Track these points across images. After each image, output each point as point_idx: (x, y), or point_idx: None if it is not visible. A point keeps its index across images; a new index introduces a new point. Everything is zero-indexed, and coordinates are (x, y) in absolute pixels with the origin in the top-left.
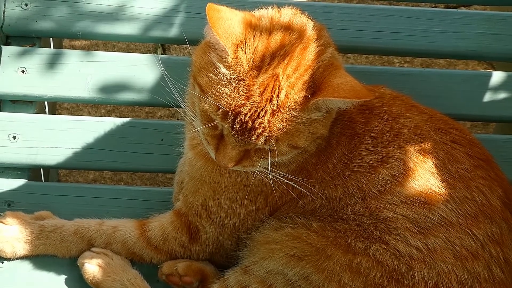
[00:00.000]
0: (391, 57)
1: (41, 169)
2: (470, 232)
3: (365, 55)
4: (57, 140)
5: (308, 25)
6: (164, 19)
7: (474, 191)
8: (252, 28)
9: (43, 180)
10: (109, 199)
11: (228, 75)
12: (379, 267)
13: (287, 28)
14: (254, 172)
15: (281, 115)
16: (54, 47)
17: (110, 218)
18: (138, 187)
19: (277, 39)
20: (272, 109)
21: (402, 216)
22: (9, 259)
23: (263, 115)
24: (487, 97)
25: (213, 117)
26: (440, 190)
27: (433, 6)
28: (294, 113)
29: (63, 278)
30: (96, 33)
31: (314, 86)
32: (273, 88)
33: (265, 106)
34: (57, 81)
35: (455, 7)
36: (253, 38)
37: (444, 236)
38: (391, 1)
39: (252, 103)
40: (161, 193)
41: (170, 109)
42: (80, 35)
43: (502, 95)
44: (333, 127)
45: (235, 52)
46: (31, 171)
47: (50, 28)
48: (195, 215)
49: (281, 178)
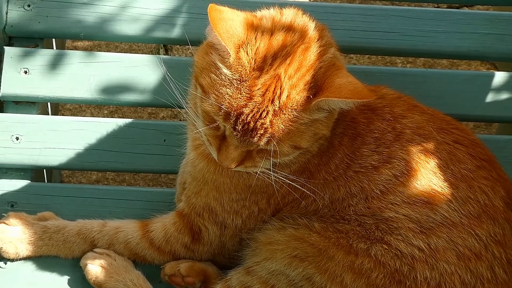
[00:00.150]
0: (394, 58)
1: (44, 170)
2: (473, 233)
3: (368, 56)
4: (60, 141)
5: (310, 26)
6: (167, 20)
7: (477, 191)
8: (254, 29)
9: (46, 181)
10: (112, 200)
11: (230, 76)
12: (381, 268)
13: (289, 29)
14: (256, 173)
15: (283, 116)
16: (57, 48)
17: (113, 219)
18: (141, 188)
19: (279, 40)
20: (274, 110)
21: (404, 216)
22: (12, 260)
23: (265, 116)
24: (490, 98)
25: (215, 118)
26: (443, 190)
27: (436, 6)
28: (296, 114)
29: (66, 279)
30: (99, 34)
31: (316, 87)
32: (275, 89)
33: (267, 107)
34: (60, 82)
35: (458, 7)
36: (255, 39)
37: (447, 236)
38: (394, 2)
39: (254, 104)
40: (164, 194)
41: (173, 110)
42: (83, 36)
43: (505, 96)
44: (335, 128)
45: (237, 53)
46: (34, 172)
47: (53, 29)
48: (198, 216)
49: (284, 179)
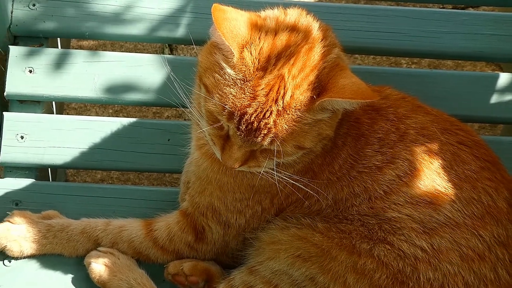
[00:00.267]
0: (399, 58)
1: (49, 169)
2: (477, 233)
3: (373, 56)
4: (65, 140)
5: (314, 26)
6: (171, 20)
7: (481, 192)
8: (258, 29)
9: (51, 180)
10: (116, 199)
11: (234, 76)
12: (384, 269)
13: (293, 29)
14: (260, 173)
15: (287, 116)
16: (62, 47)
17: (117, 218)
18: (145, 187)
19: (283, 40)
20: (278, 110)
21: (407, 216)
22: (16, 258)
23: (269, 116)
24: (495, 99)
25: (219, 118)
26: (446, 191)
27: (441, 7)
28: (300, 114)
29: (70, 277)
30: (104, 33)
31: (320, 87)
32: (279, 89)
33: (271, 107)
34: (65, 81)
35: (463, 8)
36: (259, 39)
37: (450, 237)
38: (399, 2)
39: (258, 104)
40: (168, 193)
41: (177, 109)
42: (88, 35)
43: (510, 97)
44: (339, 128)
45: (241, 53)
46: (39, 171)
47: (58, 28)
48: (201, 215)
49: (287, 179)
